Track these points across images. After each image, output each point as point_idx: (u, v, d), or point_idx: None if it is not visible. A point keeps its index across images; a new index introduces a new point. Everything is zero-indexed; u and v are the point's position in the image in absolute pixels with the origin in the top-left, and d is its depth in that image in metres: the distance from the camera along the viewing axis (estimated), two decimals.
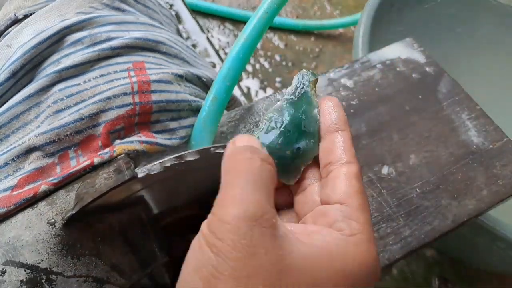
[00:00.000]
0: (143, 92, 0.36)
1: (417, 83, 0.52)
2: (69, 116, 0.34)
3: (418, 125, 0.49)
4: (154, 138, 0.36)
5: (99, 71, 0.37)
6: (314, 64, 1.21)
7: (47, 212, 0.31)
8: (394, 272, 0.91)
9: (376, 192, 0.44)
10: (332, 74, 0.52)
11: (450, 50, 0.90)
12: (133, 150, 0.34)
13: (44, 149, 0.33)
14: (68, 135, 0.34)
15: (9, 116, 0.35)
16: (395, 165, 0.46)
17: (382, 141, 0.47)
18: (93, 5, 0.42)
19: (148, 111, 0.37)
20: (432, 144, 0.48)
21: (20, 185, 0.32)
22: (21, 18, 0.41)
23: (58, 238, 0.30)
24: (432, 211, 0.43)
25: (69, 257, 0.30)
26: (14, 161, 0.33)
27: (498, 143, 0.48)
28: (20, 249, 0.29)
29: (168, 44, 0.43)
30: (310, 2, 1.35)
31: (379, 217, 0.42)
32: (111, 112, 0.35)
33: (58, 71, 0.36)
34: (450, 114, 0.50)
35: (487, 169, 0.46)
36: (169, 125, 0.38)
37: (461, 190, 0.45)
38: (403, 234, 0.41)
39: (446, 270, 0.93)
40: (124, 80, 0.36)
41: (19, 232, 0.30)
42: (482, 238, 0.66)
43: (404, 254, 0.40)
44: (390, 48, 0.55)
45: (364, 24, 0.77)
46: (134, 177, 0.31)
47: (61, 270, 0.29)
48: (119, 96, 0.35)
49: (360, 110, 0.49)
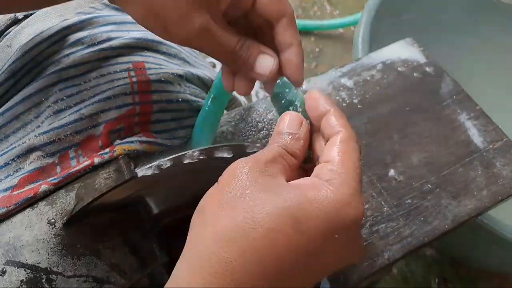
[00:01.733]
0: (143, 92, 0.36)
1: (417, 83, 0.52)
2: (69, 116, 0.34)
3: (418, 125, 0.49)
4: (154, 138, 0.36)
5: (99, 71, 0.37)
6: (314, 64, 1.21)
7: (47, 212, 0.31)
8: (394, 271, 0.92)
9: (376, 192, 0.44)
10: (332, 74, 0.52)
11: (450, 50, 0.90)
12: (133, 150, 0.34)
13: (44, 149, 0.33)
14: (68, 135, 0.34)
15: (9, 116, 0.35)
16: (395, 165, 0.46)
17: (382, 141, 0.47)
18: (93, 5, 0.42)
19: (148, 111, 0.37)
20: (432, 144, 0.48)
21: (20, 185, 0.32)
22: (21, 18, 0.41)
23: (58, 238, 0.30)
24: (432, 211, 0.43)
25: (69, 257, 0.30)
26: (14, 161, 0.33)
27: (498, 143, 0.48)
28: (20, 249, 0.29)
29: (168, 44, 0.43)
30: (310, 2, 1.35)
31: (379, 217, 0.42)
32: (111, 112, 0.35)
33: (58, 71, 0.36)
34: (450, 114, 0.50)
35: (487, 169, 0.46)
36: (169, 125, 0.38)
37: (461, 190, 0.45)
38: (403, 234, 0.41)
39: (446, 270, 0.93)
40: (124, 80, 0.36)
41: (19, 232, 0.30)
42: (481, 238, 0.66)
43: (404, 254, 0.41)
44: (390, 48, 0.55)
45: (364, 24, 0.77)
46: (134, 177, 0.31)
47: (61, 270, 0.29)
48: (119, 96, 0.35)
49: (360, 110, 0.49)
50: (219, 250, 0.23)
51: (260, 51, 0.32)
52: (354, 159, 0.27)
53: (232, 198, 0.25)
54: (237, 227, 0.23)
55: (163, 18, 0.29)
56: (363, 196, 0.29)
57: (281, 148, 0.28)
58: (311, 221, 0.24)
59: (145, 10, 0.29)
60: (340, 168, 0.26)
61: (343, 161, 0.27)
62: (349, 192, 0.25)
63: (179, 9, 0.29)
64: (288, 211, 0.24)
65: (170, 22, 0.29)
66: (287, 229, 0.23)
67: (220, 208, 0.25)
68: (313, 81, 0.51)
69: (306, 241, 0.24)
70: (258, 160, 0.26)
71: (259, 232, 0.23)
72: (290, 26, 0.32)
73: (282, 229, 0.23)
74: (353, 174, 0.26)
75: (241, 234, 0.23)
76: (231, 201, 0.25)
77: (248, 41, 0.31)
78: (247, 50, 0.31)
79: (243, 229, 0.23)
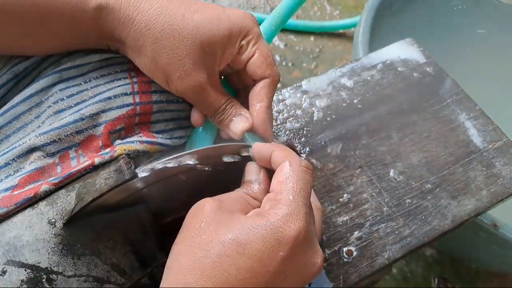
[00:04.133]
0: (143, 92, 0.37)
1: (417, 83, 0.52)
2: (70, 116, 0.34)
3: (418, 125, 0.49)
4: (155, 138, 0.36)
5: (99, 71, 0.37)
6: (314, 64, 1.21)
7: (48, 212, 0.31)
8: (394, 271, 0.92)
9: (376, 192, 0.44)
10: (332, 74, 0.52)
11: (450, 50, 0.90)
12: (133, 150, 0.34)
13: (44, 149, 0.33)
14: (68, 135, 0.34)
15: (9, 116, 0.35)
16: (395, 165, 0.46)
17: (382, 141, 0.47)
18: None
19: (148, 111, 0.37)
20: (432, 144, 0.48)
21: (20, 185, 0.32)
22: None
23: (58, 237, 0.30)
24: (431, 211, 0.43)
25: (69, 257, 0.30)
26: (15, 161, 0.33)
27: (498, 143, 0.48)
28: (20, 249, 0.29)
29: None
30: (310, 2, 1.35)
31: (379, 217, 0.42)
32: (111, 112, 0.35)
33: (59, 71, 0.36)
34: (449, 114, 0.50)
35: (487, 169, 0.46)
36: (169, 125, 0.38)
37: (461, 190, 0.45)
38: (403, 233, 0.42)
39: (446, 269, 0.94)
40: (124, 80, 0.36)
41: (20, 232, 0.30)
42: (482, 238, 0.66)
43: (404, 254, 0.41)
44: (390, 48, 0.55)
45: (364, 24, 0.77)
46: (134, 177, 0.31)
47: (62, 270, 0.29)
48: (119, 96, 0.35)
49: (360, 110, 0.50)
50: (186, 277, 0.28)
51: (239, 111, 0.37)
52: (292, 182, 0.30)
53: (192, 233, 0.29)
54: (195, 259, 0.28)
55: (167, 73, 0.34)
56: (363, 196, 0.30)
57: (243, 193, 0.33)
58: (253, 243, 0.27)
59: (153, 64, 0.34)
60: (278, 194, 0.30)
61: (282, 187, 0.30)
62: (285, 213, 0.28)
63: (183, 67, 0.34)
64: (235, 239, 0.28)
65: (172, 77, 0.34)
66: (233, 253, 0.27)
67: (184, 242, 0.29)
68: (313, 81, 0.51)
69: (253, 261, 0.27)
70: (222, 201, 0.31)
71: (211, 258, 0.27)
72: (269, 87, 0.37)
73: (229, 254, 0.27)
74: (290, 196, 0.30)
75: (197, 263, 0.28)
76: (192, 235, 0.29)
77: (233, 102, 0.37)
78: (231, 110, 0.37)
79: (199, 258, 0.28)
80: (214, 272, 0.27)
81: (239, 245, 0.27)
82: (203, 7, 0.35)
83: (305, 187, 0.30)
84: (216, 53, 0.35)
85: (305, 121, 0.48)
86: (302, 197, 0.30)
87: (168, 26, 0.33)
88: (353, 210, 0.43)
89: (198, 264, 0.27)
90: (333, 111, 0.49)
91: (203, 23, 0.34)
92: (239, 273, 0.27)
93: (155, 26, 0.33)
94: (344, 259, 0.40)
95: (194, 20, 0.34)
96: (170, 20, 0.33)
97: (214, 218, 0.29)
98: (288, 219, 0.28)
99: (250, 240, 0.28)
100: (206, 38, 0.34)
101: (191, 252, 0.28)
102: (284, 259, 0.28)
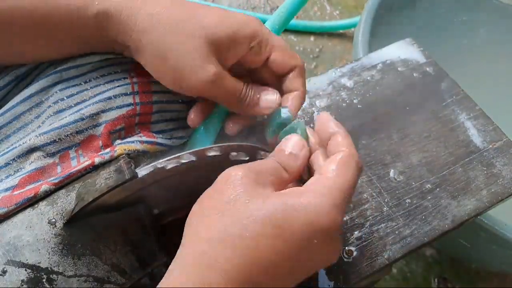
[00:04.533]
0: (144, 92, 0.37)
1: (417, 83, 0.52)
2: (70, 116, 0.34)
3: (418, 125, 0.49)
4: (155, 138, 0.37)
5: (99, 71, 0.37)
6: (314, 64, 1.21)
7: (48, 212, 0.31)
8: (394, 271, 0.92)
9: (376, 192, 0.44)
10: (332, 74, 0.52)
11: (450, 50, 0.90)
12: (133, 150, 0.34)
13: (45, 149, 0.33)
14: (68, 135, 0.34)
15: (10, 116, 0.35)
16: (395, 165, 0.46)
17: (382, 141, 0.47)
18: None
19: (148, 111, 0.37)
20: (432, 144, 0.48)
21: (21, 185, 0.32)
22: None
23: (58, 237, 0.30)
24: (431, 211, 0.43)
25: (69, 257, 0.30)
26: (15, 161, 0.33)
27: (498, 143, 0.48)
28: (20, 249, 0.29)
29: None
30: (310, 2, 1.35)
31: (379, 216, 0.42)
32: (111, 112, 0.35)
33: (59, 71, 0.36)
34: (449, 114, 0.50)
35: (487, 169, 0.46)
36: (169, 125, 0.38)
37: (461, 190, 0.45)
38: (403, 233, 0.42)
39: (446, 269, 0.94)
40: (124, 80, 0.36)
41: (20, 232, 0.30)
42: (482, 238, 0.66)
43: (404, 254, 0.41)
44: (390, 48, 0.55)
45: (364, 24, 0.77)
46: (135, 177, 0.31)
47: (62, 270, 0.29)
48: (119, 96, 0.35)
49: (360, 110, 0.50)
50: (211, 250, 0.26)
51: (262, 89, 0.36)
52: (347, 176, 0.29)
53: (224, 203, 0.27)
54: (226, 231, 0.26)
55: (178, 69, 0.33)
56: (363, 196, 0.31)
57: (277, 163, 0.30)
58: (292, 226, 0.26)
59: (159, 61, 0.33)
60: (329, 180, 0.29)
61: (335, 175, 0.29)
62: (330, 203, 0.27)
63: (193, 60, 0.33)
64: (271, 218, 0.26)
65: (184, 73, 0.33)
66: (270, 235, 0.26)
67: (212, 212, 0.27)
68: (313, 81, 0.51)
69: (288, 244, 0.26)
70: (252, 170, 0.29)
71: (246, 237, 0.26)
72: (300, 75, 0.37)
73: (266, 234, 0.26)
74: (340, 189, 0.28)
75: (231, 237, 0.26)
76: (223, 206, 0.27)
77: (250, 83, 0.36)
78: (252, 91, 0.36)
79: (233, 233, 0.26)
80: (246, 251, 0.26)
81: (276, 227, 0.26)
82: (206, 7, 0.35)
83: (354, 185, 0.30)
84: (221, 49, 0.34)
85: (305, 121, 0.48)
86: (350, 194, 0.29)
87: (172, 26, 0.33)
88: (353, 210, 0.43)
89: (230, 238, 0.26)
90: (333, 111, 0.49)
91: (207, 21, 0.34)
92: (271, 255, 0.26)
93: (159, 27, 0.33)
94: (344, 259, 0.40)
95: (198, 18, 0.34)
96: (174, 20, 0.33)
97: (249, 192, 0.28)
98: (332, 210, 0.27)
99: (290, 224, 0.26)
100: (210, 33, 0.33)
101: (223, 224, 0.27)
102: (316, 246, 0.27)
